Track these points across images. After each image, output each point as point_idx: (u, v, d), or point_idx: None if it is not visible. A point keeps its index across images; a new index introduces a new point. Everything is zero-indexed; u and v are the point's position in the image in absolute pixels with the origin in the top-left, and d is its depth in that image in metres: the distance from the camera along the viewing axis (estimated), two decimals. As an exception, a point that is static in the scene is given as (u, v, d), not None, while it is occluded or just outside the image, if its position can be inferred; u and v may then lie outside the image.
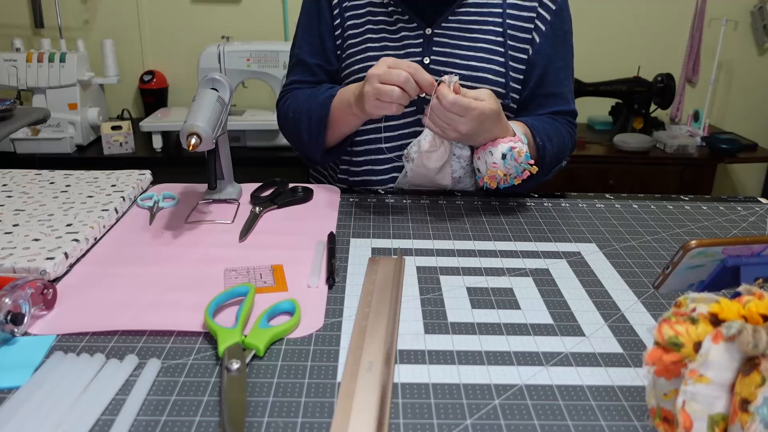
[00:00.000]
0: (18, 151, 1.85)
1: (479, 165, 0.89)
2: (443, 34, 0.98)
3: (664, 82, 2.11)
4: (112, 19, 2.16)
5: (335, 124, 0.97)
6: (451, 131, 0.84)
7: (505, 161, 0.85)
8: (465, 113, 0.81)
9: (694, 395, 0.40)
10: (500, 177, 0.86)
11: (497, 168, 0.85)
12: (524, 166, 0.86)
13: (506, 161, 0.85)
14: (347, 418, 0.48)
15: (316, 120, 0.97)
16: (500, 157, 0.85)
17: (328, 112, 0.95)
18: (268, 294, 0.66)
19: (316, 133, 0.98)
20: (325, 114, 0.95)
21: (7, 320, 0.56)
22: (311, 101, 0.98)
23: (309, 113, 0.98)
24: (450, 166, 0.93)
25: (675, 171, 2.04)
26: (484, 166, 0.87)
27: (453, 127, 0.83)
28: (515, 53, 0.99)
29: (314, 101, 0.98)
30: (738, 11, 2.26)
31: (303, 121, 0.99)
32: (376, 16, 1.01)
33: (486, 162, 0.87)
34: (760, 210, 0.95)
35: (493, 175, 0.86)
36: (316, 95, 0.99)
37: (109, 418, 0.48)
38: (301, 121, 0.99)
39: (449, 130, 0.84)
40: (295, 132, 1.03)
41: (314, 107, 0.97)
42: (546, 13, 0.99)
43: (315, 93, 1.00)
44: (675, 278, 0.59)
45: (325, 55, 1.04)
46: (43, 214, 0.80)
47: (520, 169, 0.86)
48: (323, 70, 1.05)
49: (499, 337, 0.60)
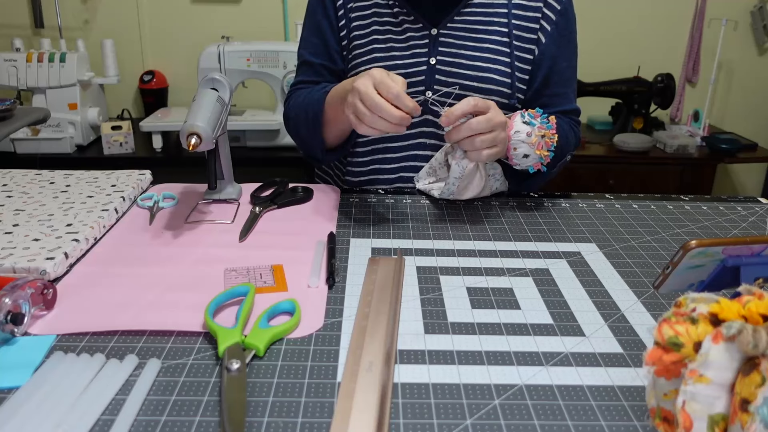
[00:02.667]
0: (18, 151, 1.85)
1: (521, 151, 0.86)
2: (449, 35, 0.98)
3: (664, 82, 2.11)
4: (112, 19, 2.16)
5: (331, 121, 0.96)
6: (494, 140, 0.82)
7: (532, 124, 0.85)
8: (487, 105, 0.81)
9: (694, 395, 0.40)
10: (544, 139, 0.85)
11: (533, 134, 0.84)
12: (545, 116, 0.86)
13: (532, 123, 0.85)
14: (347, 418, 0.48)
15: (312, 117, 0.97)
16: (524, 125, 0.85)
17: (322, 109, 0.95)
18: (268, 294, 0.66)
19: (313, 131, 0.98)
20: (320, 110, 0.95)
21: (7, 320, 0.56)
22: (308, 99, 0.99)
23: (306, 111, 0.98)
24: (489, 187, 0.94)
25: (675, 171, 2.04)
26: (525, 145, 0.85)
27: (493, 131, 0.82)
28: (521, 53, 0.99)
29: (311, 98, 0.98)
30: (738, 11, 2.26)
31: (301, 119, 0.99)
32: (381, 17, 1.01)
33: (522, 141, 0.85)
34: (760, 210, 0.95)
35: (539, 143, 0.85)
36: (312, 93, 0.99)
37: (109, 418, 0.48)
38: (300, 119, 1.00)
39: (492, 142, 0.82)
40: (296, 131, 1.03)
41: (310, 104, 0.97)
42: (551, 14, 0.99)
43: (312, 91, 1.00)
44: (675, 278, 0.59)
45: (330, 56, 1.04)
46: (43, 214, 0.80)
47: (547, 122, 0.86)
48: (328, 71, 1.05)
49: (499, 337, 0.60)
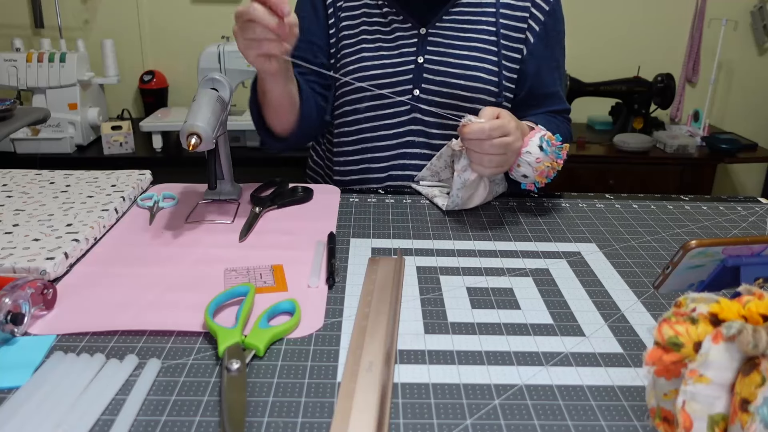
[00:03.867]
0: (18, 151, 1.85)
1: (523, 171, 0.86)
2: (437, 34, 0.98)
3: (664, 82, 2.11)
4: (112, 19, 2.16)
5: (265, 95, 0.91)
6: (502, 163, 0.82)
7: (545, 151, 0.84)
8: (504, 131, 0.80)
9: (694, 395, 0.40)
10: (548, 168, 0.85)
11: (542, 162, 0.84)
12: (560, 147, 0.86)
13: (546, 151, 0.84)
14: (347, 418, 0.48)
15: (252, 98, 0.95)
16: (538, 149, 0.84)
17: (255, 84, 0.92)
18: (268, 294, 0.66)
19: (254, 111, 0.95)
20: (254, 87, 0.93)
21: (7, 320, 0.56)
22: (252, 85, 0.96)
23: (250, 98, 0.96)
24: (493, 193, 0.94)
25: (675, 171, 2.04)
26: (529, 168, 0.85)
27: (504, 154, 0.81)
28: (509, 53, 0.99)
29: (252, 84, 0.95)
30: (738, 11, 2.26)
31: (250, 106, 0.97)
32: (371, 17, 1.00)
33: (529, 163, 0.85)
34: (760, 210, 0.95)
35: (542, 171, 0.85)
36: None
37: (109, 418, 0.48)
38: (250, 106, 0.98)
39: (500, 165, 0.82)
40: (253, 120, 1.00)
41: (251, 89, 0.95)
42: (539, 14, 0.99)
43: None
44: (675, 278, 0.59)
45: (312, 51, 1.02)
46: (43, 214, 0.80)
47: (560, 152, 0.86)
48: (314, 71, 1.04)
49: (499, 337, 0.60)
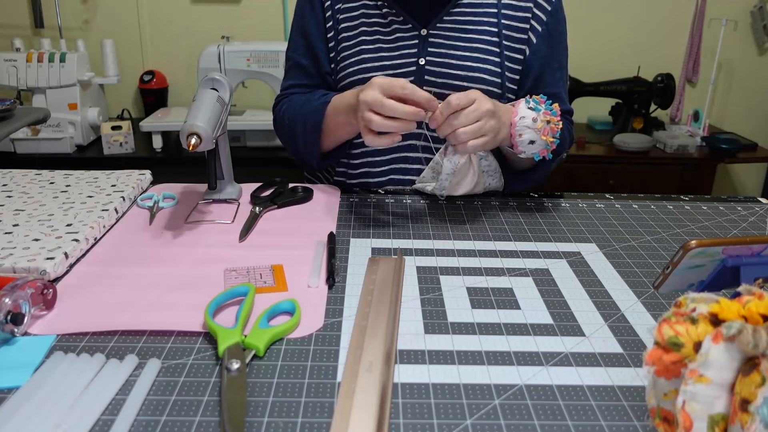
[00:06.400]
0: (18, 151, 1.85)
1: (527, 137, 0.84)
2: (438, 35, 0.98)
3: (664, 82, 2.11)
4: (112, 19, 2.16)
5: (330, 132, 0.96)
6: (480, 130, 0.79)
7: (537, 110, 0.84)
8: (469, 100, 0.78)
9: (694, 395, 0.40)
10: (549, 125, 0.84)
11: (538, 120, 0.83)
12: (549, 102, 0.85)
13: (537, 109, 0.84)
14: (347, 418, 0.48)
15: (311, 127, 0.96)
16: (530, 111, 0.84)
17: (322, 119, 0.95)
18: (268, 294, 0.66)
19: (311, 140, 0.97)
20: (319, 120, 0.95)
21: (7, 320, 0.56)
22: (306, 107, 0.98)
23: (304, 120, 0.97)
24: (483, 183, 0.93)
25: (675, 171, 2.04)
26: (531, 131, 0.83)
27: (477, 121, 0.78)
28: (511, 53, 0.99)
29: (309, 107, 0.97)
30: (738, 11, 2.26)
31: (298, 128, 0.98)
32: (370, 17, 1.00)
33: (528, 126, 0.83)
34: (760, 210, 0.95)
35: (545, 129, 0.84)
36: (310, 101, 0.98)
37: (109, 418, 0.48)
38: (296, 127, 0.99)
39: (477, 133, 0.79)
40: (291, 138, 1.02)
41: (309, 114, 0.96)
42: (541, 14, 0.99)
43: (309, 99, 0.99)
44: (675, 278, 0.59)
45: (319, 57, 1.03)
46: (43, 214, 0.80)
47: (551, 107, 0.85)
48: (319, 73, 1.04)
49: (499, 337, 0.60)
